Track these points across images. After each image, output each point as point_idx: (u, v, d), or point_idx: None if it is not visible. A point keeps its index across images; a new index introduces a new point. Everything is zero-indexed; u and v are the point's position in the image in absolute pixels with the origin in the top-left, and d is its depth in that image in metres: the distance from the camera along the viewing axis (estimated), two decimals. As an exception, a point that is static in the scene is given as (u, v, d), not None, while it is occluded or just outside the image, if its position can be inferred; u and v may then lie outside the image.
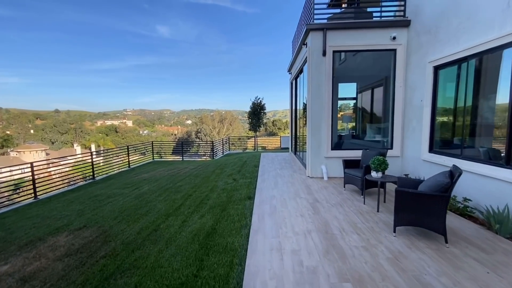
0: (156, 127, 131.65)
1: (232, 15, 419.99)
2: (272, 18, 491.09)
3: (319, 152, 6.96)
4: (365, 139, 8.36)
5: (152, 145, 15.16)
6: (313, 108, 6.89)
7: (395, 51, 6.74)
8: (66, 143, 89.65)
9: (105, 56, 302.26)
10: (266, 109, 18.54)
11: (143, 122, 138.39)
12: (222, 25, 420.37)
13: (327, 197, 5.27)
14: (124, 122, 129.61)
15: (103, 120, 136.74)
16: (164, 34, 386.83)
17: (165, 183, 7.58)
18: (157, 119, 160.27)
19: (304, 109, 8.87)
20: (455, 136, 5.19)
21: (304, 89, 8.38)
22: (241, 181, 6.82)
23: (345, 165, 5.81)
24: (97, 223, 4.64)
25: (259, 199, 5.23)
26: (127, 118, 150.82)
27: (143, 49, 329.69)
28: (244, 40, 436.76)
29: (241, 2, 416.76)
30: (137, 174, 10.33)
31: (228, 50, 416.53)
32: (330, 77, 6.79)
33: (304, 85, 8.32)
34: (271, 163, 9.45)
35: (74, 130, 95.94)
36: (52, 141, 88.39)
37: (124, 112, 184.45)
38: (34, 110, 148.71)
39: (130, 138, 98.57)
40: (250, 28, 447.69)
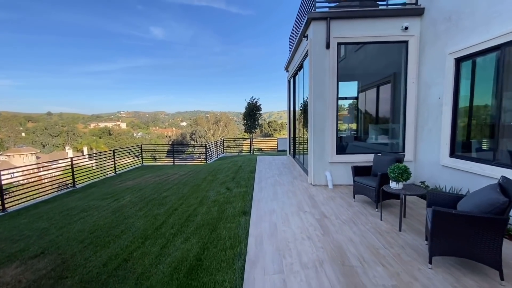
0: (150, 129, 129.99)
1: (226, 17, 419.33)
2: (267, 20, 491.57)
3: (323, 157, 6.19)
4: (369, 141, 7.62)
5: (141, 149, 14.26)
6: (315, 108, 6.13)
7: (406, 43, 6.03)
8: (57, 146, 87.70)
9: (98, 57, 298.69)
10: (262, 110, 17.76)
11: (137, 124, 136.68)
12: (217, 26, 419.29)
13: (335, 210, 4.49)
14: (118, 125, 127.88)
15: (96, 122, 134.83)
16: (158, 36, 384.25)
17: (149, 193, 6.73)
18: (151, 121, 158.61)
19: (302, 109, 8.11)
20: (484, 138, 4.47)
21: (305, 87, 7.63)
22: (236, 190, 6.01)
23: (355, 172, 5.05)
24: (59, 249, 3.79)
25: (257, 214, 4.43)
26: (121, 120, 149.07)
27: (137, 51, 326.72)
28: (239, 42, 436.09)
29: (236, 4, 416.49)
30: (122, 181, 9.45)
31: (222, 52, 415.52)
32: (335, 73, 6.04)
33: (305, 83, 7.57)
34: (268, 168, 8.67)
35: (66, 133, 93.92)
36: (43, 144, 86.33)
37: (118, 114, 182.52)
38: (26, 112, 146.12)
39: (124, 140, 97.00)
40: (244, 29, 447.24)
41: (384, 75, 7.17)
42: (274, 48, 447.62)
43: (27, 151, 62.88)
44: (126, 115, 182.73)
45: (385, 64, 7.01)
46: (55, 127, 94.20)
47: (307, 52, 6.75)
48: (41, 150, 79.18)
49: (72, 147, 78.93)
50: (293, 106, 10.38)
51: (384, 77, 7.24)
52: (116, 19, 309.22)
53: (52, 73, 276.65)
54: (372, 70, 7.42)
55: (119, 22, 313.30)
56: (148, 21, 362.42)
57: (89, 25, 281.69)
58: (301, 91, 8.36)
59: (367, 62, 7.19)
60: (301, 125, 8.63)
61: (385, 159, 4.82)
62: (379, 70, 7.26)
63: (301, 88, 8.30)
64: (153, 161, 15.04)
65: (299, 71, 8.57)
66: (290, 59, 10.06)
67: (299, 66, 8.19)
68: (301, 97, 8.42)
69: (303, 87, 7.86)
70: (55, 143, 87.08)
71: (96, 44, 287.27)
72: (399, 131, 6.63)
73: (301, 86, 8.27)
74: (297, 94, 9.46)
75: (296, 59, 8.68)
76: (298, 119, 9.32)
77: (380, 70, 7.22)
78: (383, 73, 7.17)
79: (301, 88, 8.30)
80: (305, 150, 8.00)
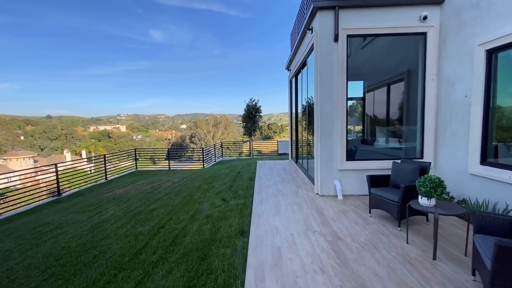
0: (150, 132, 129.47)
1: (226, 20, 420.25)
2: (266, 22, 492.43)
3: (331, 163, 5.49)
4: (379, 145, 6.91)
5: (135, 153, 13.55)
6: (322, 109, 5.44)
7: (424, 35, 5.35)
8: (56, 149, 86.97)
9: (97, 61, 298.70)
10: (262, 112, 17.06)
11: (137, 127, 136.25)
12: (216, 29, 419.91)
13: (350, 229, 3.78)
14: (117, 127, 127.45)
15: (96, 125, 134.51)
16: (157, 39, 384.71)
17: (136, 204, 6.01)
18: (151, 124, 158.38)
19: (306, 110, 7.43)
20: (527, 144, 3.78)
21: (309, 87, 6.94)
22: (232, 202, 5.30)
23: (371, 183, 4.34)
24: (13, 282, 3.07)
25: (256, 234, 3.72)
26: (120, 123, 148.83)
27: (136, 54, 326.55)
28: (238, 45, 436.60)
29: (235, 7, 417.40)
30: (111, 189, 8.73)
31: (222, 55, 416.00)
32: (344, 69, 5.35)
33: (309, 82, 6.89)
34: (269, 174, 7.96)
35: (65, 136, 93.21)
36: (42, 148, 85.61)
37: (117, 117, 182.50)
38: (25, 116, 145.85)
39: (123, 143, 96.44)
40: (244, 32, 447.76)
41: (395, 72, 6.49)
42: (273, 51, 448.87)
43: (25, 155, 62.12)
44: (126, 118, 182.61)
45: (397, 61, 6.34)
46: (53, 130, 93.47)
47: (312, 47, 6.07)
48: (39, 154, 78.49)
49: (70, 150, 78.18)
50: (295, 107, 9.70)
51: (396, 75, 6.55)
52: (116, 22, 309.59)
53: (52, 76, 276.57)
54: (381, 68, 6.74)
55: (119, 25, 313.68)
56: (147, 24, 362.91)
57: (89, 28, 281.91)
58: (304, 91, 7.67)
59: (376, 60, 6.51)
60: (305, 127, 7.95)
61: (407, 167, 4.11)
62: (390, 68, 6.57)
63: (304, 88, 7.62)
64: (148, 166, 14.32)
65: (302, 69, 7.89)
66: (292, 57, 9.39)
67: (302, 63, 7.51)
68: (304, 97, 7.74)
69: (307, 86, 7.18)
70: (53, 146, 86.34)
71: (96, 47, 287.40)
72: (414, 134, 5.94)
73: (304, 85, 7.59)
74: (300, 94, 8.78)
75: (298, 56, 8.00)
76: (301, 121, 8.64)
77: (391, 68, 6.53)
78: (395, 71, 6.49)
79: (304, 88, 7.62)
80: (308, 154, 7.30)
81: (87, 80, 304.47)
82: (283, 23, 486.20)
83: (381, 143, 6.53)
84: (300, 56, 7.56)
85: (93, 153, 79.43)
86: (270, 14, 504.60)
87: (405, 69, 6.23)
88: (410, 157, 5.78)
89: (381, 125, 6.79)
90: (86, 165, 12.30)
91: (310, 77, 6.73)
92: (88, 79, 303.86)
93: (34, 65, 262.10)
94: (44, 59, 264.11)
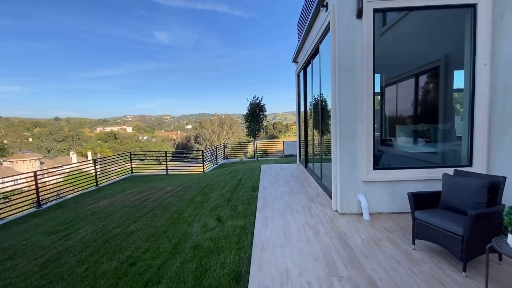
0: (156, 133, 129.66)
1: (230, 20, 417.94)
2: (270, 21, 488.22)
3: (354, 173, 4.33)
4: (405, 148, 5.70)
5: (130, 157, 12.57)
6: (342, 105, 4.29)
7: (473, 7, 4.15)
8: (62, 151, 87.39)
9: (104, 62, 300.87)
10: (266, 111, 15.84)
11: (143, 128, 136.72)
12: (220, 30, 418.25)
13: (392, 274, 2.64)
14: (123, 128, 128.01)
15: (102, 126, 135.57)
16: (162, 40, 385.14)
17: (114, 223, 4.97)
18: (157, 125, 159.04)
19: (319, 107, 6.27)
20: None
21: (323, 79, 5.80)
22: (229, 224, 4.20)
23: (415, 203, 3.18)
24: None
25: (258, 284, 2.61)
26: (127, 124, 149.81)
27: (142, 55, 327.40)
28: (242, 44, 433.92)
29: (239, 6, 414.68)
30: (96, 199, 7.73)
31: (226, 54, 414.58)
32: (371, 53, 4.19)
33: (323, 73, 5.74)
34: (275, 182, 6.84)
35: (71, 138, 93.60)
36: (48, 150, 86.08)
37: (124, 118, 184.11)
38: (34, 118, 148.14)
39: (129, 144, 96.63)
40: (248, 32, 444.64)
41: (426, 60, 5.26)
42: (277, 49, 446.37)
43: (31, 157, 62.27)
44: (132, 119, 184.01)
45: (429, 46, 5.14)
46: (60, 132, 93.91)
47: (326, 28, 4.93)
48: (46, 156, 78.96)
49: (76, 152, 78.39)
50: (303, 103, 8.54)
51: (427, 63, 5.33)
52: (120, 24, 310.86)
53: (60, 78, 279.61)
54: (406, 56, 5.48)
55: (124, 27, 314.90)
56: (152, 26, 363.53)
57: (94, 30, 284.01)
58: (316, 85, 6.52)
59: (399, 47, 5.28)
60: (315, 127, 6.80)
61: (468, 183, 2.94)
62: (419, 55, 5.34)
63: (316, 81, 6.46)
64: (145, 170, 13.34)
65: (313, 59, 6.73)
66: (300, 47, 8.25)
67: (313, 51, 6.36)
68: (316, 92, 6.59)
69: (319, 79, 6.02)
70: (59, 148, 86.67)
71: (102, 49, 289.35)
72: (452, 134, 4.78)
73: (316, 78, 6.43)
74: (309, 89, 7.63)
75: (308, 43, 6.85)
76: (311, 120, 7.49)
77: (420, 55, 5.31)
78: (426, 58, 5.26)
79: (316, 81, 6.46)
80: (322, 159, 6.16)
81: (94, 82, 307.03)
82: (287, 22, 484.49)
83: (409, 146, 5.33)
84: (311, 43, 6.41)
85: (98, 154, 79.56)
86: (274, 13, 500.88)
87: (440, 55, 5.04)
88: (450, 164, 4.61)
89: (406, 124, 5.59)
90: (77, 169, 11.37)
91: (324, 67, 5.58)
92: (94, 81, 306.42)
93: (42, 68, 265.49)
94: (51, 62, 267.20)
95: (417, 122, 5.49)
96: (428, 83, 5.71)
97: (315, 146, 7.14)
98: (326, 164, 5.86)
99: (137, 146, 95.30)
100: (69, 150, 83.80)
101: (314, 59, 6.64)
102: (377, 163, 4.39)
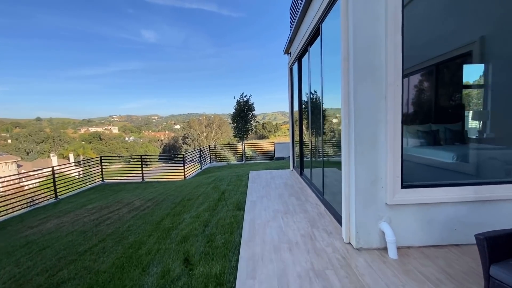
0: (143, 133, 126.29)
1: (218, 19, 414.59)
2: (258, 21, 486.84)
3: (375, 193, 3.13)
4: (425, 153, 4.57)
5: (100, 162, 11.03)
6: (358, 99, 3.06)
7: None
8: (42, 153, 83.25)
9: (89, 61, 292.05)
10: (255, 110, 14.52)
11: (130, 128, 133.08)
12: (209, 29, 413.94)
13: None
14: (109, 129, 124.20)
15: (87, 127, 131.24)
16: (149, 39, 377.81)
17: (44, 265, 3.59)
18: (144, 125, 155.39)
19: (315, 103, 5.08)
20: None
21: (325, 66, 4.58)
22: (201, 270, 2.91)
23: (490, 252, 1.99)
24: None
25: None
26: (113, 124, 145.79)
27: (129, 54, 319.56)
28: (231, 44, 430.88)
29: (227, 6, 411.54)
30: (45, 218, 6.27)
31: (215, 54, 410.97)
32: (399, 25, 2.98)
33: (326, 58, 4.52)
34: (265, 196, 5.59)
35: (52, 139, 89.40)
36: (27, 151, 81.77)
37: (110, 119, 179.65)
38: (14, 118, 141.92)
39: (114, 145, 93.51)
40: (236, 32, 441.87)
41: (457, 44, 4.17)
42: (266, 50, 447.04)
43: (7, 159, 58.62)
44: (118, 119, 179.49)
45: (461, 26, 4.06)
46: (40, 133, 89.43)
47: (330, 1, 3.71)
48: (24, 158, 75.12)
49: (57, 154, 74.82)
50: (298, 100, 7.32)
51: (458, 47, 4.23)
52: (106, 22, 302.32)
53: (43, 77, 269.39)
54: (426, 41, 4.34)
55: (110, 25, 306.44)
56: (139, 24, 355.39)
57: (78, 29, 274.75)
58: (315, 76, 5.31)
59: (419, 30, 4.13)
60: (314, 127, 5.59)
61: None
62: (446, 38, 4.24)
63: (316, 71, 5.25)
64: (118, 177, 11.81)
65: (310, 46, 5.52)
66: (293, 35, 7.04)
67: (311, 35, 5.13)
68: (316, 85, 5.38)
69: (321, 68, 4.80)
70: (40, 150, 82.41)
71: (87, 48, 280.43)
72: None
73: (316, 68, 5.22)
74: (306, 83, 6.43)
75: (305, 27, 5.63)
76: (308, 119, 6.29)
77: (448, 38, 4.21)
78: (456, 42, 4.16)
79: (316, 71, 5.25)
80: (323, 165, 4.95)
81: (79, 82, 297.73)
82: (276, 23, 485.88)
83: (439, 153, 4.19)
84: (308, 24, 5.18)
85: (81, 156, 76.27)
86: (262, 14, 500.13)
87: (475, 38, 3.94)
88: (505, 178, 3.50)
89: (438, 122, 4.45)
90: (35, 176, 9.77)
91: (328, 52, 4.37)
92: (79, 80, 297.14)
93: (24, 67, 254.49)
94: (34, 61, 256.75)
95: (451, 120, 4.36)
96: (456, 72, 4.63)
97: (313, 149, 5.94)
98: (329, 172, 4.66)
99: (122, 147, 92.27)
100: (50, 152, 79.76)
101: (312, 45, 5.43)
102: (409, 178, 3.21)
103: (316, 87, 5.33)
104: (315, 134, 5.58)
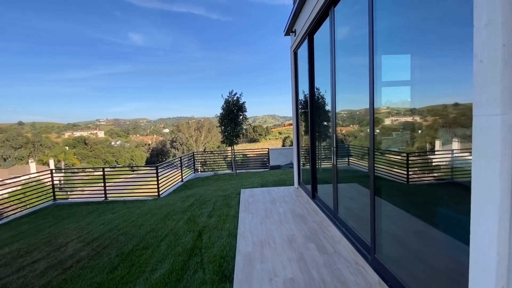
0: (130, 137, 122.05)
1: (207, 23, 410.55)
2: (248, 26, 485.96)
3: None
4: None
5: (51, 175, 8.69)
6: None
7: None
8: (21, 159, 78.49)
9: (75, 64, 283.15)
10: (247, 111, 12.34)
11: (117, 132, 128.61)
12: (198, 33, 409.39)
13: None
14: (95, 133, 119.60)
15: (71, 131, 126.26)
16: (137, 42, 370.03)
17: None
18: (132, 129, 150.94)
19: (333, 97, 3.08)
20: None
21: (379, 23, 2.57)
22: None
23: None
24: None
25: None
26: (99, 128, 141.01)
27: (115, 57, 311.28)
28: (220, 48, 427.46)
29: (216, 10, 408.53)
30: None
31: (204, 58, 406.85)
32: None
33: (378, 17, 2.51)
34: (267, 243, 3.53)
35: (32, 144, 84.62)
36: (4, 158, 76.85)
37: (96, 123, 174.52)
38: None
39: (100, 150, 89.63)
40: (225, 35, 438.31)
41: None
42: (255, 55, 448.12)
43: (-21, 167, 54.33)
44: (105, 123, 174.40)
45: None
46: (18, 138, 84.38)
47: None
48: (1, 165, 70.40)
49: (36, 160, 70.54)
50: (309, 90, 5.22)
51: None
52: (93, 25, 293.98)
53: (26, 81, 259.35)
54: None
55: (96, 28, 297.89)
56: (127, 27, 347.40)
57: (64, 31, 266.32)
58: (340, 54, 3.30)
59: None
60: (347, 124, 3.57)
61: None
62: None
63: (341, 48, 3.24)
64: (76, 195, 9.52)
65: (334, 6, 3.51)
66: (300, 4, 5.03)
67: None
68: (342, 67, 3.36)
69: (370, 30, 2.78)
70: (18, 155, 77.59)
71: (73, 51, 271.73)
72: None
73: (341, 44, 3.20)
74: (320, 68, 4.43)
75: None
76: (333, 111, 4.24)
77: None
78: None
79: (341, 48, 3.24)
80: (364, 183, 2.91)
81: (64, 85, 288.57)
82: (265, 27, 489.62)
83: None
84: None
85: (62, 162, 72.26)
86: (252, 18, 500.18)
87: None
88: None
89: None
90: None
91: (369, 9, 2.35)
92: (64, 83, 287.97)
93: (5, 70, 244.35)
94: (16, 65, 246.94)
95: None
96: None
97: (338, 159, 3.88)
98: (387, 207, 2.63)
99: (108, 152, 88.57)
100: (29, 158, 75.10)
101: (337, 4, 3.43)
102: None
103: (340, 71, 3.31)
104: (344, 134, 3.56)
